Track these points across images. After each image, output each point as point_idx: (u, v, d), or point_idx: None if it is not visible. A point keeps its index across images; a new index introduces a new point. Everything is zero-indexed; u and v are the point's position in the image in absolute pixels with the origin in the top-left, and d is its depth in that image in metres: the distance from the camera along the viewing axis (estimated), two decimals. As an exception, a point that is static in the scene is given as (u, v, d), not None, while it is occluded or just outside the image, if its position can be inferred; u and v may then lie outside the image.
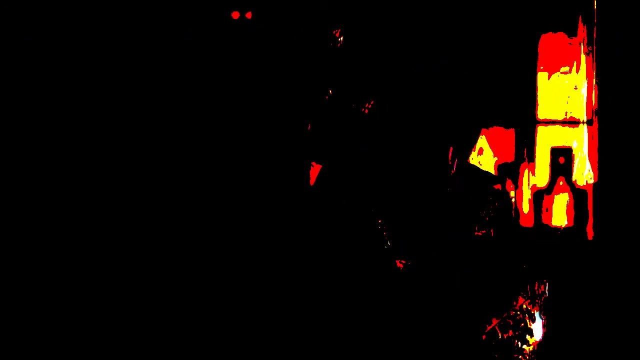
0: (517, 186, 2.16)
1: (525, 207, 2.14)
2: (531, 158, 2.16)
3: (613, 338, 2.08)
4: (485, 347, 2.09)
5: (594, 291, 2.10)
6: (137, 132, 2.16)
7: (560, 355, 2.09)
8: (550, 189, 2.14)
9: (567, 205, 2.13)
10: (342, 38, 2.17)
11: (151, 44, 2.16)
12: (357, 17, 2.19)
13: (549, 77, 2.17)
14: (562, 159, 2.12)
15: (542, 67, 2.18)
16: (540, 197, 2.15)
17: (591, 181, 2.13)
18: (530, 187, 2.16)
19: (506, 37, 2.18)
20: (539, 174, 2.15)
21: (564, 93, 2.16)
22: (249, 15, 2.15)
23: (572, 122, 2.16)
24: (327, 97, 2.17)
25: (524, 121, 2.17)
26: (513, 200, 2.15)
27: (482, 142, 2.18)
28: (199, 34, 2.17)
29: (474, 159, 2.16)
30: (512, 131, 2.18)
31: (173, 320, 2.13)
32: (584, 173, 2.13)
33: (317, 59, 2.18)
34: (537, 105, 2.16)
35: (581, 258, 2.10)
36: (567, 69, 2.17)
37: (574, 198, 2.12)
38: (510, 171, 2.18)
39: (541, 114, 2.16)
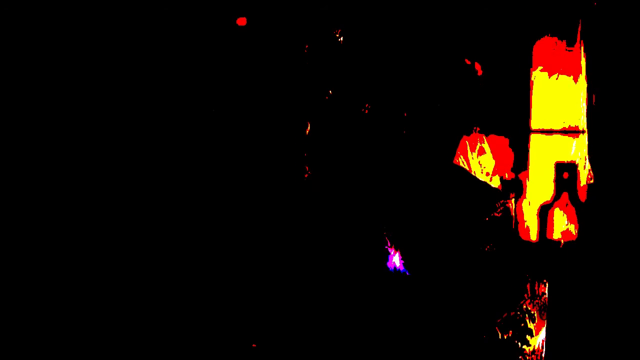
0: (517, 198, 2.16)
1: (527, 219, 2.14)
2: (526, 167, 2.16)
3: (612, 340, 2.08)
4: (485, 347, 2.09)
5: (589, 295, 2.10)
6: (134, 132, 2.16)
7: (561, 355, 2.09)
8: (552, 202, 2.13)
9: (570, 218, 2.12)
10: (342, 38, 2.17)
11: (149, 43, 2.16)
12: (354, 20, 2.19)
13: (547, 84, 2.16)
14: (566, 174, 2.12)
15: (539, 74, 2.17)
16: (542, 208, 2.15)
17: (591, 181, 2.13)
18: (532, 197, 2.15)
19: (506, 41, 2.18)
20: (542, 186, 2.15)
21: (563, 101, 2.15)
22: (242, 21, 2.15)
23: (573, 132, 2.15)
24: (327, 97, 2.17)
25: (523, 130, 2.17)
26: (512, 209, 2.15)
27: (484, 145, 2.18)
28: (197, 34, 2.17)
29: (473, 159, 2.16)
30: (511, 139, 2.18)
31: (168, 318, 2.13)
32: (583, 169, 2.12)
33: (317, 59, 2.18)
34: (531, 113, 2.15)
35: (580, 264, 2.10)
36: (565, 75, 2.16)
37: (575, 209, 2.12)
38: (513, 181, 2.18)
39: (540, 124, 2.15)
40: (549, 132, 2.16)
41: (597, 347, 2.08)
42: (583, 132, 2.14)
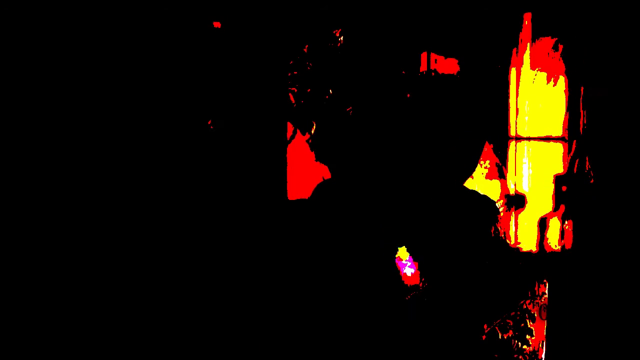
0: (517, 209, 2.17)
1: (524, 229, 2.15)
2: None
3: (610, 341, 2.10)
4: (486, 347, 2.10)
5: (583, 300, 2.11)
6: (117, 134, 2.15)
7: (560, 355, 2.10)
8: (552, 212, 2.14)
9: (565, 228, 2.13)
10: (342, 38, 2.17)
11: (142, 44, 2.15)
12: (354, 20, 2.19)
13: (532, 90, 2.17)
14: (564, 187, 2.13)
15: (525, 78, 2.17)
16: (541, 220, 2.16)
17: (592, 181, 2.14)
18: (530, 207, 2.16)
19: (496, 43, 2.19)
20: (538, 196, 2.16)
21: (548, 107, 2.16)
22: (216, 24, 2.14)
23: (559, 139, 2.16)
24: (327, 97, 2.17)
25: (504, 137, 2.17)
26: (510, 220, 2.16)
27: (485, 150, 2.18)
28: (196, 34, 2.17)
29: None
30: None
31: (158, 320, 2.13)
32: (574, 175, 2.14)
33: (317, 59, 2.18)
34: (514, 121, 2.16)
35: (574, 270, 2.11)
36: (552, 82, 2.17)
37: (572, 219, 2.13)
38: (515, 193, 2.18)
39: (524, 131, 2.15)
40: (534, 139, 2.17)
41: (597, 347, 2.09)
42: (564, 139, 2.15)
